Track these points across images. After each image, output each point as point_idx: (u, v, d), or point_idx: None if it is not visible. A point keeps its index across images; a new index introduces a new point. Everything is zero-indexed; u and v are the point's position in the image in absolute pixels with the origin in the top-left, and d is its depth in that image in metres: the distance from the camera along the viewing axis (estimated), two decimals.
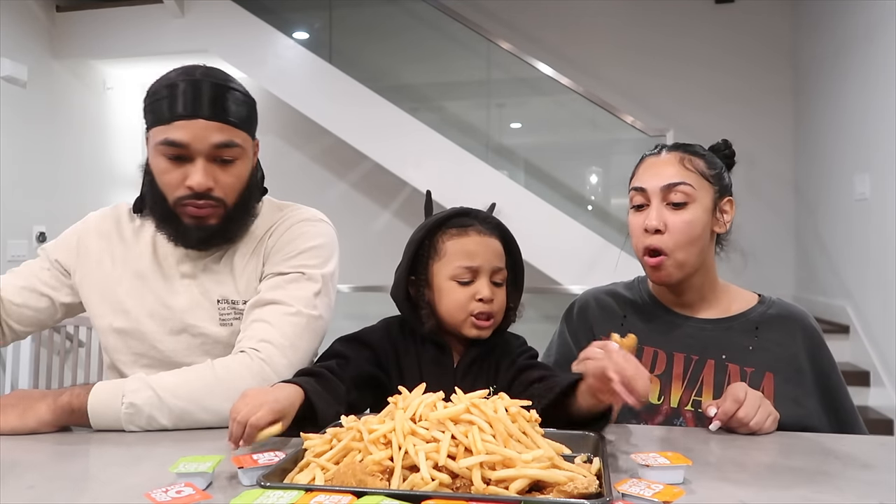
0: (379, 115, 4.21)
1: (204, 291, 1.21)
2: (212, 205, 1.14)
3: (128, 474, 0.81)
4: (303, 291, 1.17)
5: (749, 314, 1.20)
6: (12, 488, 0.76)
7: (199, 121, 1.10)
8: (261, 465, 0.76)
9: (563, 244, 3.94)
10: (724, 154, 1.24)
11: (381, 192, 4.72)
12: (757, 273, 4.51)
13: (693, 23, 4.73)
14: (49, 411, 1.00)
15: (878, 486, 0.79)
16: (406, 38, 4.95)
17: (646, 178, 1.18)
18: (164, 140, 1.11)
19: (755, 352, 1.16)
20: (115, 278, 1.23)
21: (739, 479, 0.82)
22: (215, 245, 1.20)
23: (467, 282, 1.09)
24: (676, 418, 1.15)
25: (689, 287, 1.20)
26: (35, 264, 1.29)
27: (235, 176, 1.16)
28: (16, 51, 4.18)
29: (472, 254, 1.09)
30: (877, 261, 3.34)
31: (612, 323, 1.26)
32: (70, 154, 4.60)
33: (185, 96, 1.11)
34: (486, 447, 0.70)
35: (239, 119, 1.15)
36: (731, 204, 1.21)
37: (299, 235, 1.22)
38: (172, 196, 1.14)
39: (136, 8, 4.50)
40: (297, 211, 1.28)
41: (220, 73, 1.16)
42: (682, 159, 1.17)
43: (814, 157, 4.28)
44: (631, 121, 4.01)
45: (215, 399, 1.04)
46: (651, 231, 1.14)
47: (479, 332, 1.11)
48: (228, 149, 1.13)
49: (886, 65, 3.24)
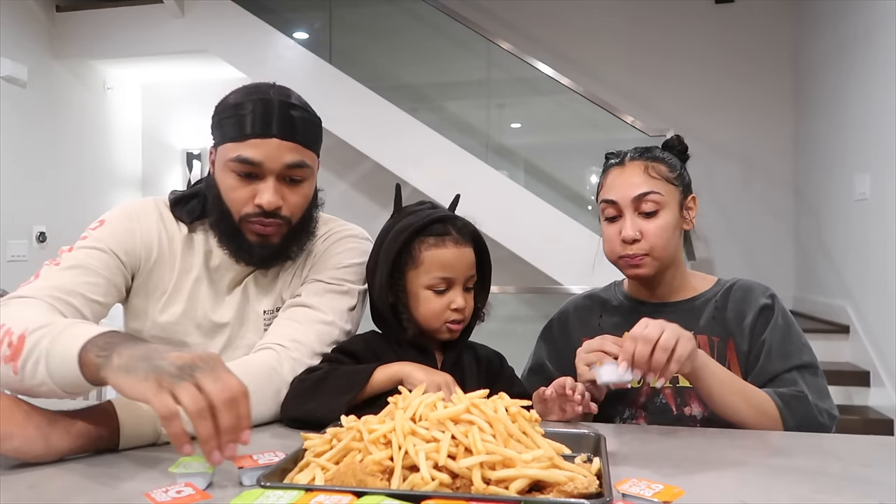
0: (379, 115, 4.22)
1: (251, 304, 1.22)
2: (277, 223, 1.14)
3: (128, 474, 0.81)
4: (340, 304, 1.19)
5: (711, 290, 1.27)
6: (12, 488, 0.76)
7: (272, 140, 1.11)
8: (261, 465, 0.76)
9: (563, 244, 3.94)
10: (678, 150, 1.29)
11: (381, 192, 4.72)
12: (757, 273, 4.53)
13: (693, 22, 4.73)
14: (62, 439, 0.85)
15: (878, 486, 0.79)
16: (406, 38, 4.96)
17: (614, 190, 1.22)
18: (236, 157, 1.11)
19: (718, 321, 1.22)
20: (165, 284, 1.20)
21: (739, 479, 0.82)
22: (277, 263, 1.21)
23: (442, 290, 1.13)
24: (657, 396, 1.20)
25: (661, 281, 1.26)
26: (96, 257, 1.13)
27: (303, 195, 1.17)
28: (16, 51, 4.18)
29: (449, 265, 1.12)
30: (877, 261, 3.34)
31: (588, 324, 1.31)
32: (70, 154, 4.60)
33: (258, 115, 1.11)
34: (486, 447, 0.70)
35: (309, 140, 1.16)
36: (695, 200, 1.27)
37: (346, 250, 1.24)
38: (239, 212, 1.13)
39: (136, 8, 4.51)
40: (345, 226, 1.30)
41: (292, 93, 1.17)
42: (647, 168, 1.21)
43: (814, 158, 4.28)
44: (631, 121, 4.01)
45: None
46: (629, 241, 1.19)
47: (451, 335, 1.15)
48: (299, 169, 1.14)
49: (886, 65, 3.24)
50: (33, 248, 4.27)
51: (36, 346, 0.87)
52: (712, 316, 1.23)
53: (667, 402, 1.19)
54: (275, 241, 1.15)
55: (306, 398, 1.04)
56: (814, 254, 4.25)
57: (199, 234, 1.23)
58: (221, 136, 1.14)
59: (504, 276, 4.13)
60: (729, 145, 4.58)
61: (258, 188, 1.12)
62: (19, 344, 0.89)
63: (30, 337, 0.89)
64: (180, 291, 1.20)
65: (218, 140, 1.16)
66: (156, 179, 5.26)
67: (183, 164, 5.23)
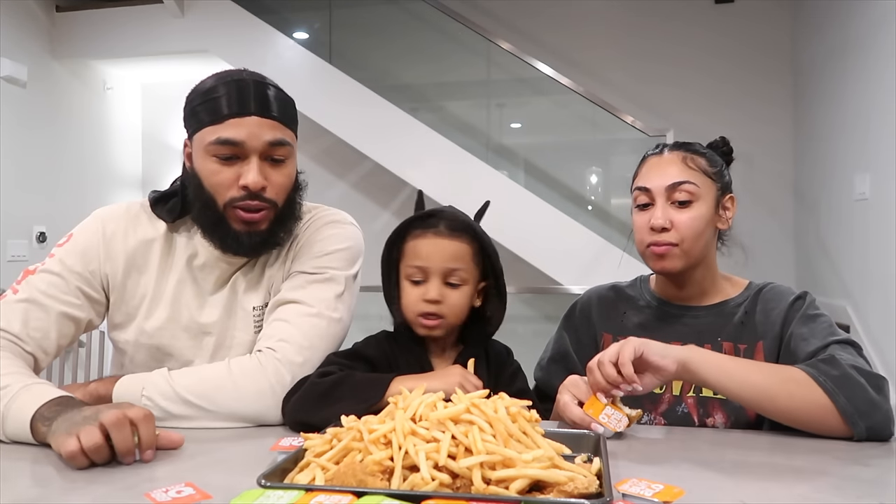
0: (379, 115, 4.22)
1: (238, 300, 1.20)
2: (265, 206, 1.12)
3: (128, 474, 0.81)
4: (325, 293, 1.16)
5: (741, 295, 1.23)
6: (12, 488, 0.76)
7: (251, 118, 1.09)
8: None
9: (563, 244, 3.93)
10: (723, 151, 1.26)
11: (381, 192, 4.72)
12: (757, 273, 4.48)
13: (692, 22, 4.73)
14: (81, 397, 1.01)
15: (878, 486, 0.79)
16: (406, 38, 4.95)
17: (650, 178, 1.19)
18: (216, 139, 1.09)
19: (746, 327, 1.18)
20: (144, 289, 1.19)
21: (739, 479, 0.82)
22: (266, 251, 1.19)
23: (419, 281, 1.11)
24: (679, 405, 1.17)
25: (690, 280, 1.22)
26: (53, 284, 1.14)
27: (286, 176, 1.15)
28: (16, 51, 4.18)
29: (423, 254, 1.11)
30: (877, 261, 3.34)
31: (611, 319, 1.28)
32: (70, 154, 4.60)
33: (234, 96, 1.09)
34: (487, 447, 0.70)
35: (287, 118, 1.15)
36: (733, 201, 1.24)
37: (327, 237, 1.22)
38: (224, 198, 1.11)
39: (136, 8, 4.50)
40: (326, 212, 1.27)
41: (262, 75, 1.16)
42: (685, 158, 1.19)
43: (814, 158, 4.28)
44: (631, 121, 4.01)
45: (227, 398, 1.05)
46: (658, 229, 1.16)
47: (426, 330, 1.13)
48: (281, 147, 1.12)
49: (886, 65, 3.24)
50: (33, 248, 4.27)
51: None
52: (741, 321, 1.19)
53: (689, 411, 1.16)
54: (262, 227, 1.13)
55: (318, 404, 1.01)
56: (814, 254, 4.25)
57: (182, 233, 1.21)
58: (197, 122, 1.12)
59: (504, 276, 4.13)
60: None
61: (241, 170, 1.10)
62: None
63: None
64: (162, 295, 1.19)
65: (194, 128, 1.13)
66: (156, 179, 5.25)
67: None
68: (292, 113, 1.17)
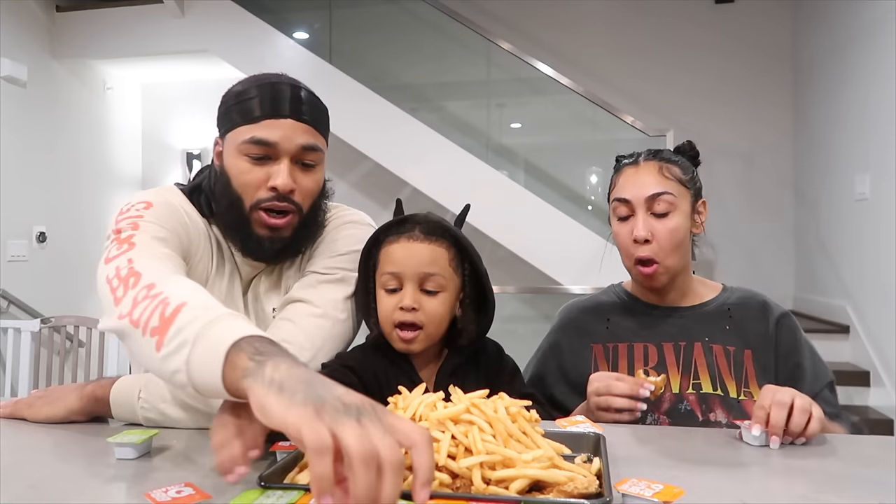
0: (379, 115, 4.22)
1: (261, 304, 1.19)
2: (292, 210, 1.10)
3: (128, 474, 0.81)
4: (334, 293, 1.14)
5: (718, 299, 1.28)
6: (12, 488, 0.76)
7: (287, 120, 1.09)
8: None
9: (563, 244, 3.94)
10: (690, 155, 1.30)
11: (381, 192, 4.72)
12: (757, 273, 4.54)
13: (693, 22, 4.73)
14: (77, 399, 1.02)
15: (878, 486, 0.79)
16: (406, 37, 4.96)
17: (628, 189, 1.22)
18: (250, 139, 1.08)
19: (731, 331, 1.24)
20: (203, 280, 1.15)
21: (739, 479, 0.82)
22: (286, 258, 1.18)
23: (394, 289, 1.06)
24: (681, 403, 1.20)
25: (672, 286, 1.26)
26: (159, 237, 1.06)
27: (315, 181, 1.13)
28: (16, 51, 4.18)
29: (397, 260, 1.06)
30: (877, 261, 3.34)
31: (595, 332, 1.30)
32: (70, 154, 4.60)
33: (270, 97, 1.09)
34: (486, 447, 0.70)
35: (320, 124, 1.14)
36: (705, 205, 1.28)
37: (343, 238, 1.20)
38: (252, 198, 1.09)
39: (136, 8, 4.51)
40: (345, 212, 1.26)
41: (297, 80, 1.15)
42: (661, 168, 1.22)
43: (814, 157, 4.28)
44: (631, 121, 4.01)
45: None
46: (640, 241, 1.19)
47: (405, 345, 1.06)
48: (313, 152, 1.11)
49: (886, 65, 3.25)
50: (33, 248, 4.27)
51: (185, 327, 0.77)
52: (726, 326, 1.24)
53: (691, 408, 1.19)
54: (286, 234, 1.11)
55: None
56: (814, 254, 4.25)
57: (214, 230, 1.18)
58: (230, 122, 1.11)
59: (504, 276, 4.13)
60: (729, 145, 4.58)
61: (271, 171, 1.09)
62: (171, 317, 0.79)
63: (182, 315, 0.78)
64: (211, 290, 1.13)
65: (226, 127, 1.12)
66: (156, 179, 5.26)
67: (183, 164, 5.23)
68: (325, 120, 1.17)
